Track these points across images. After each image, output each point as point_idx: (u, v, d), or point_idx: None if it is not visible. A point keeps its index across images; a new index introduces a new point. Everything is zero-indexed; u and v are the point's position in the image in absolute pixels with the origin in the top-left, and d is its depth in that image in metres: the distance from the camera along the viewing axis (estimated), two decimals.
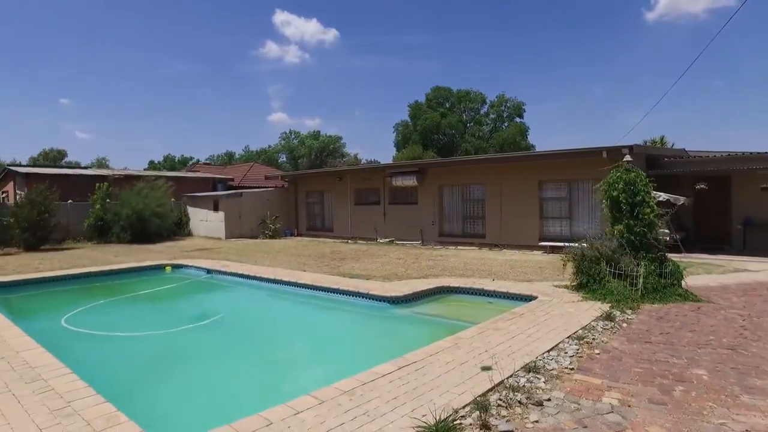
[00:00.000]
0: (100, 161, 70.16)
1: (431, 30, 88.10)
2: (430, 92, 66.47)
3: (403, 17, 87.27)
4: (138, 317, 9.39)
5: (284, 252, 16.87)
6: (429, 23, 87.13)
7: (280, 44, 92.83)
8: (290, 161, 72.93)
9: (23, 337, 6.11)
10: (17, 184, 25.45)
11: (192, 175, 34.22)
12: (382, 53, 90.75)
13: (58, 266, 13.59)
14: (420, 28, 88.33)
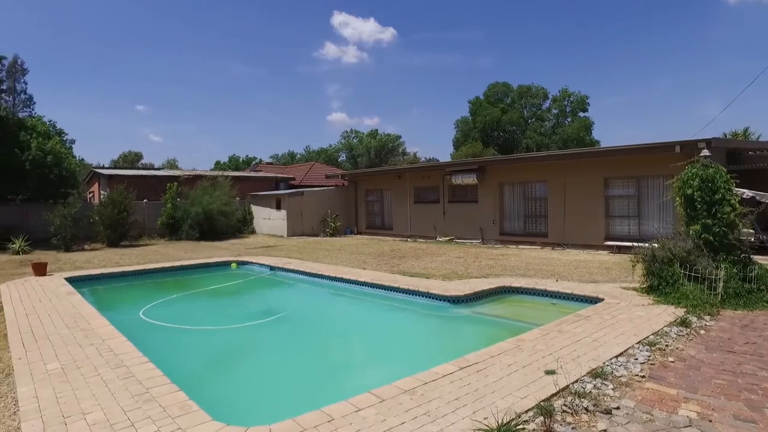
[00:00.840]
0: (170, 162, 74.31)
1: (488, 25, 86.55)
2: (489, 88, 65.25)
3: (460, 13, 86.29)
4: (207, 312, 9.86)
5: (344, 250, 17.15)
6: (486, 18, 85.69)
7: (338, 45, 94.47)
8: (349, 160, 73.94)
9: (108, 326, 6.59)
10: (101, 185, 27.46)
11: (255, 174, 35.50)
12: (440, 50, 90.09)
13: (135, 261, 14.55)
14: (477, 23, 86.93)
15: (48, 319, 7.13)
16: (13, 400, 4.27)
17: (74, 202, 19.69)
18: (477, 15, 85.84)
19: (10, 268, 13.85)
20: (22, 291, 9.47)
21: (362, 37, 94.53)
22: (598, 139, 60.13)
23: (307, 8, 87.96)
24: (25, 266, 13.68)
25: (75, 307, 7.89)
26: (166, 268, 13.10)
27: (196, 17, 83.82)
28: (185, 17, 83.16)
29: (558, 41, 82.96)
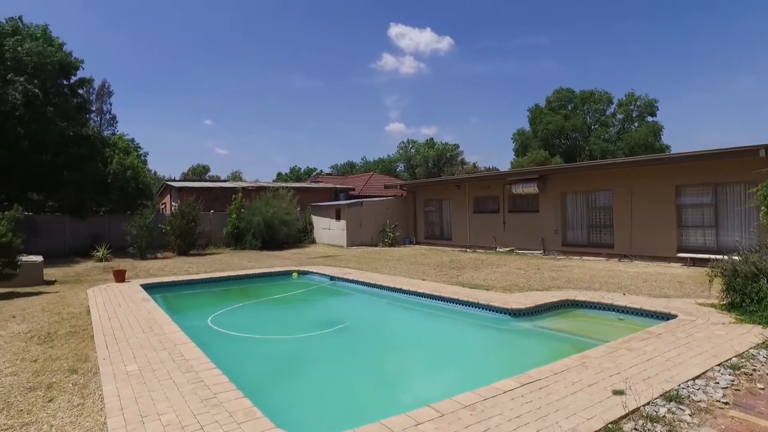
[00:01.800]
0: (235, 174, 77.63)
1: (548, 30, 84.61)
2: (551, 95, 63.63)
3: (519, 19, 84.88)
4: (271, 321, 10.16)
5: (403, 260, 17.19)
6: (545, 23, 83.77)
7: (396, 56, 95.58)
8: (408, 170, 74.22)
9: (179, 332, 6.96)
10: (172, 197, 29.14)
11: (315, 185, 36.39)
12: (498, 58, 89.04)
13: (203, 270, 15.28)
14: (536, 28, 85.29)
15: (126, 323, 7.63)
16: (100, 397, 4.61)
17: (148, 213, 21.01)
18: (539, 20, 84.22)
19: (95, 274, 14.96)
20: (105, 296, 10.20)
21: (419, 47, 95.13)
22: (668, 144, 57.03)
23: (364, 21, 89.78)
24: (107, 272, 14.73)
25: (150, 313, 8.39)
26: (231, 276, 13.67)
27: (259, 34, 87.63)
28: (248, 34, 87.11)
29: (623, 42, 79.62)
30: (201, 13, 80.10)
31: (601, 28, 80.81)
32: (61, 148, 21.93)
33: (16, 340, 6.99)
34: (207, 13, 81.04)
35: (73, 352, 6.32)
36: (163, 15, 78.85)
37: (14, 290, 11.74)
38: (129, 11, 74.80)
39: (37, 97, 20.01)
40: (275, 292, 12.57)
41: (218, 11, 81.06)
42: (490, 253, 19.41)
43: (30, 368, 5.66)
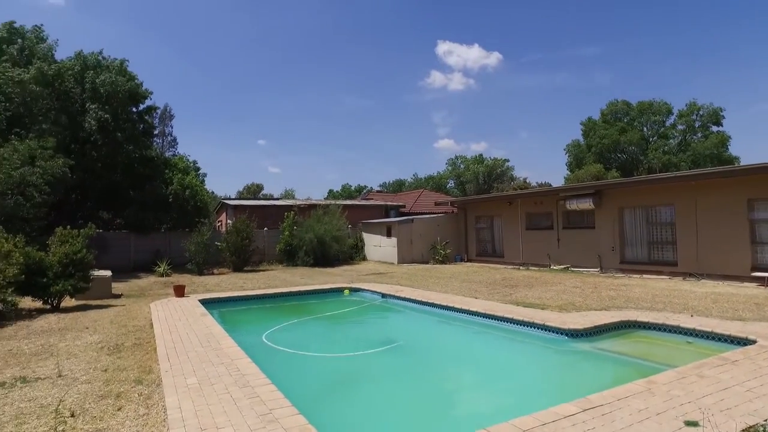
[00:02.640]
0: (288, 192, 79.62)
1: (601, 40, 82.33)
2: (605, 107, 61.65)
3: (569, 31, 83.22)
4: (324, 338, 10.23)
5: (455, 278, 16.98)
6: (597, 33, 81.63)
7: (444, 73, 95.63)
8: (458, 186, 73.72)
9: (235, 347, 7.14)
10: (228, 215, 30.21)
11: (366, 202, 36.73)
12: (548, 70, 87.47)
13: (257, 286, 15.69)
14: (588, 39, 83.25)
15: (186, 337, 7.92)
16: (163, 408, 4.80)
17: (206, 230, 21.86)
18: (590, 30, 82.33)
19: (157, 288, 15.68)
20: (166, 310, 10.65)
21: (467, 63, 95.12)
22: (736, 155, 53.76)
23: (412, 40, 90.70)
24: (167, 287, 15.41)
25: (207, 328, 8.68)
26: (284, 293, 13.95)
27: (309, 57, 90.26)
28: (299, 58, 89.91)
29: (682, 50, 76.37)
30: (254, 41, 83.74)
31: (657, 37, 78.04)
32: (128, 170, 23.33)
33: (89, 350, 7.41)
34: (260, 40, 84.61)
35: (139, 363, 6.61)
36: (220, 44, 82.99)
37: (87, 302, 12.49)
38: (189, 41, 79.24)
39: (108, 123, 21.43)
40: (327, 309, 12.70)
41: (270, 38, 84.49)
42: (543, 270, 18.86)
43: (101, 377, 5.97)
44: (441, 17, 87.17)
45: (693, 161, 51.87)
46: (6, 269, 10.35)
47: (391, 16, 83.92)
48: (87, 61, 22.63)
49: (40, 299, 11.74)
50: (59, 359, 6.88)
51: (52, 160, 17.43)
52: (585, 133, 61.40)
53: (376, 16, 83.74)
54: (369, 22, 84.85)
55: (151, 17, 73.80)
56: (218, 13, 75.64)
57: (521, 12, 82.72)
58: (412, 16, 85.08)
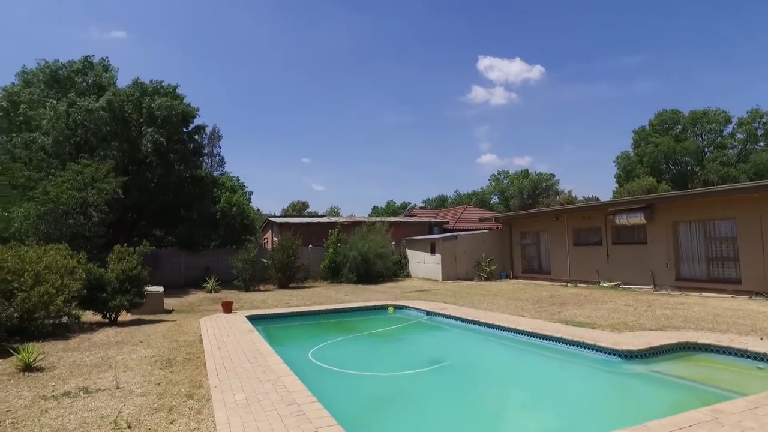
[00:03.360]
0: (333, 210, 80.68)
1: (647, 48, 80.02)
2: (654, 117, 59.55)
3: (613, 40, 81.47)
4: (369, 356, 10.18)
5: (500, 295, 16.65)
6: (643, 41, 79.54)
7: (485, 87, 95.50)
8: (502, 202, 72.73)
9: (281, 364, 7.23)
10: (274, 232, 30.87)
11: (410, 219, 36.72)
12: (593, 81, 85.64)
13: (302, 302, 15.88)
14: (633, 47, 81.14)
15: (234, 352, 8.09)
16: (212, 423, 4.90)
17: (252, 247, 22.40)
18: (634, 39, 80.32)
19: (206, 304, 16.14)
20: (214, 326, 10.93)
21: (509, 78, 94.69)
22: None
23: (453, 56, 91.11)
24: (216, 303, 15.83)
25: (254, 344, 8.83)
26: (329, 310, 14.05)
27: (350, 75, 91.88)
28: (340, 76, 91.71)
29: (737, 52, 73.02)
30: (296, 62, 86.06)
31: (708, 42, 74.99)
32: (180, 189, 24.31)
33: (143, 364, 7.69)
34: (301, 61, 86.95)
35: (189, 378, 6.80)
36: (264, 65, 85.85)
37: (141, 317, 13.01)
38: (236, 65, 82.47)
39: (163, 145, 22.51)
40: (372, 327, 12.68)
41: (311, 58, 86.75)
42: (593, 288, 18.21)
43: (155, 390, 6.18)
44: (481, 33, 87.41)
45: (755, 172, 49.10)
46: (71, 284, 10.96)
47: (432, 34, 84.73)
48: (143, 87, 23.98)
49: (99, 313, 12.34)
50: (117, 371, 7.18)
51: (110, 182, 18.38)
52: (635, 144, 59.40)
53: (417, 34, 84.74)
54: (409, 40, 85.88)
55: (200, 45, 77.65)
56: (262, 37, 78.52)
57: (562, 24, 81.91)
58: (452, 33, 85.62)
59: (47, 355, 8.29)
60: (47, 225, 16.68)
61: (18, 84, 23.31)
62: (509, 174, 76.71)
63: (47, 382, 6.75)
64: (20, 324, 9.79)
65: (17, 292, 10.08)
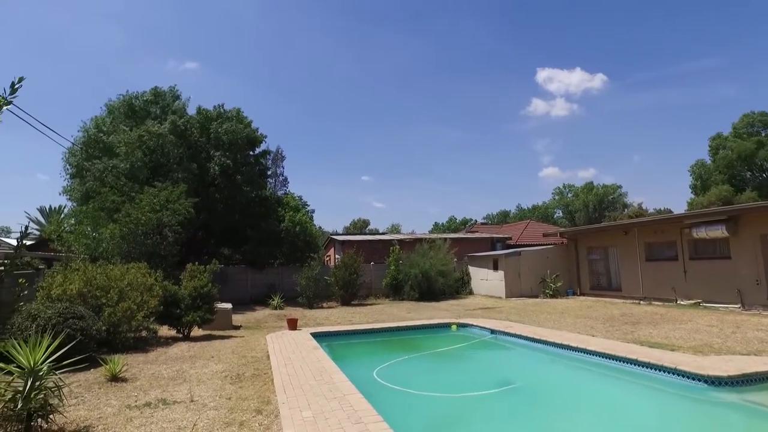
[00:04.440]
0: (393, 227, 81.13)
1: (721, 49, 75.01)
2: (738, 121, 55.53)
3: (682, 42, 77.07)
4: (434, 376, 10.02)
5: (568, 313, 15.98)
6: (716, 42, 74.61)
7: (545, 99, 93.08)
8: (566, 216, 70.32)
9: (347, 382, 7.27)
10: (336, 250, 31.43)
11: (471, 235, 36.23)
12: (660, 87, 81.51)
13: (365, 320, 15.96)
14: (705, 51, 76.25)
15: (300, 369, 8.23)
16: None
17: (315, 265, 22.83)
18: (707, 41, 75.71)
19: (271, 321, 16.59)
20: (280, 343, 11.20)
21: (569, 88, 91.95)
22: None
23: (510, 70, 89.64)
24: (281, 320, 16.23)
25: (319, 361, 8.95)
26: (392, 327, 14.03)
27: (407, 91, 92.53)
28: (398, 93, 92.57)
29: None
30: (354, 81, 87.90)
31: None
32: (246, 209, 25.33)
33: (215, 378, 8.00)
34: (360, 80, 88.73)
35: (258, 393, 6.99)
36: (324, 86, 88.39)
37: (212, 332, 13.56)
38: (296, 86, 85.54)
39: (230, 167, 23.62)
40: (436, 345, 12.51)
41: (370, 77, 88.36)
42: (669, 306, 17.08)
43: (226, 405, 6.39)
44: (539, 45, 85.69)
45: None
46: (149, 301, 11.66)
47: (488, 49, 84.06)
48: (210, 113, 25.38)
49: (174, 328, 13.00)
50: (191, 385, 7.50)
51: (183, 203, 19.45)
52: (713, 151, 55.70)
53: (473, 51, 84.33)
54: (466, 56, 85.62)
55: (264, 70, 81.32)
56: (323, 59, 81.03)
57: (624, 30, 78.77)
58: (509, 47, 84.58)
59: (130, 367, 8.81)
60: (129, 245, 17.87)
61: (103, 116, 25.35)
62: (574, 187, 74.12)
63: (131, 392, 7.17)
64: (107, 337, 10.49)
65: (105, 307, 10.87)
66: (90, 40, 59.24)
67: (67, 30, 57.00)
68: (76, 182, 23.52)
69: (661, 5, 74.99)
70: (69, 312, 9.37)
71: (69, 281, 11.36)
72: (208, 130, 24.56)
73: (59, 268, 12.66)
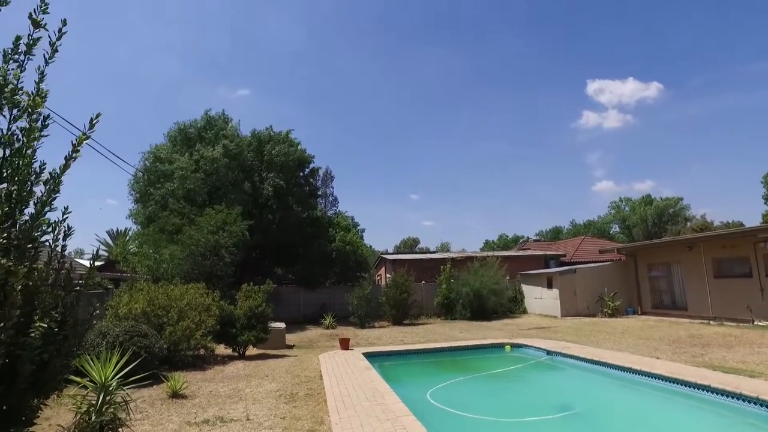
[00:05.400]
0: (443, 245, 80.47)
1: None
2: None
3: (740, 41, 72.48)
4: (491, 399, 9.73)
5: (629, 333, 15.21)
6: None
7: (597, 111, 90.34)
8: (623, 231, 67.50)
9: (400, 403, 7.19)
10: (387, 269, 31.47)
11: (523, 253, 35.40)
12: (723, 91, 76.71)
13: (417, 340, 15.81)
14: None
15: (353, 389, 8.23)
16: None
17: (366, 284, 22.94)
18: None
19: (324, 340, 16.74)
20: (333, 362, 11.26)
21: (622, 99, 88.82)
22: None
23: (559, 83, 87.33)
24: (333, 339, 16.35)
25: (372, 382, 8.92)
26: (444, 348, 13.81)
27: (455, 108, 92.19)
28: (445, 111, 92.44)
29: None
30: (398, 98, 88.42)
31: None
32: (298, 230, 25.93)
33: (269, 397, 8.14)
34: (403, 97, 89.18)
35: (311, 413, 7.03)
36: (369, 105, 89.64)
37: (266, 351, 13.83)
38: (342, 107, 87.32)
39: (282, 188, 24.32)
40: (491, 367, 12.19)
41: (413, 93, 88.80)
42: (744, 327, 15.91)
43: (280, 424, 6.47)
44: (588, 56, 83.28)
45: None
46: (207, 320, 12.08)
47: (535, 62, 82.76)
48: (261, 136, 26.34)
49: (230, 347, 13.36)
50: (247, 403, 7.66)
51: (238, 225, 20.15)
52: None
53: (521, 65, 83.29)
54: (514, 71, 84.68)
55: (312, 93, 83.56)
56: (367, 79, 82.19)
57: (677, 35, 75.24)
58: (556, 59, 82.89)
59: (189, 384, 9.10)
60: (188, 265, 18.65)
61: (161, 144, 26.82)
62: (630, 201, 71.17)
63: (190, 409, 7.41)
64: (168, 354, 10.92)
65: (166, 326, 11.35)
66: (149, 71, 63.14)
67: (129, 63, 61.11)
68: (140, 207, 24.92)
69: (708, 3, 71.39)
70: (134, 330, 9.86)
71: (134, 301, 11.98)
72: (261, 153, 25.46)
73: (125, 288, 13.39)
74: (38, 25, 3.38)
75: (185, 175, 22.91)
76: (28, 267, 3.03)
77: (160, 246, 19.53)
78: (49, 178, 3.38)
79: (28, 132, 3.32)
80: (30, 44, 3.39)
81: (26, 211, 3.29)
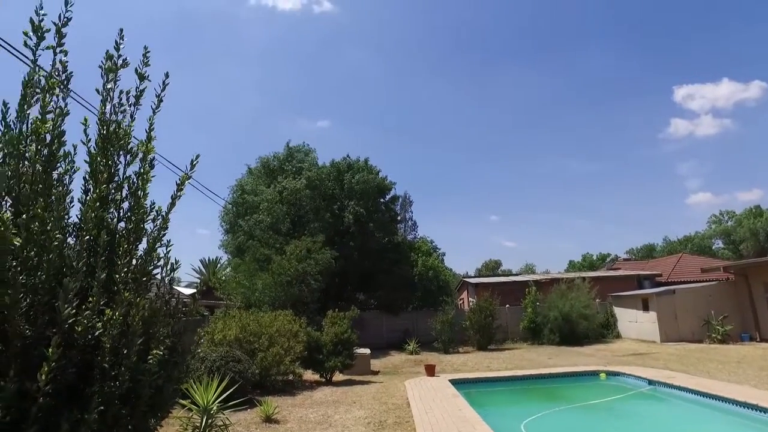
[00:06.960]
0: (528, 267, 77.73)
1: None
2: None
3: None
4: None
5: (746, 362, 13.67)
6: None
7: (687, 119, 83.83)
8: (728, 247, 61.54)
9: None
10: (469, 293, 30.90)
11: (613, 273, 33.26)
12: None
13: (504, 366, 15.24)
14: None
15: (441, 418, 8.06)
16: None
17: (449, 309, 22.59)
18: None
19: (408, 366, 16.62)
20: (419, 389, 11.12)
21: (716, 103, 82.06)
22: None
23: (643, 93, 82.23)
24: (417, 365, 16.18)
25: (461, 410, 8.69)
26: (533, 375, 13.19)
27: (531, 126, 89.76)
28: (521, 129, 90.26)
29: None
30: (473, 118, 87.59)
31: None
32: (379, 255, 26.23)
33: (358, 424, 8.16)
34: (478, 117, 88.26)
35: None
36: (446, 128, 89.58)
37: (352, 377, 13.97)
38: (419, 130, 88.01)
39: (363, 215, 24.83)
40: (585, 396, 11.41)
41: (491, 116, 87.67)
42: None
43: None
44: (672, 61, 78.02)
45: None
46: (295, 346, 12.47)
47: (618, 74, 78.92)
48: (340, 166, 27.21)
49: (317, 373, 13.65)
50: (336, 430, 7.73)
51: (322, 253, 20.77)
52: None
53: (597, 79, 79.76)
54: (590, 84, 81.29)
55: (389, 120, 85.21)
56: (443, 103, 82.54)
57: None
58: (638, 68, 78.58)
59: (280, 409, 9.37)
60: (277, 293, 19.44)
61: (246, 178, 28.48)
62: (734, 213, 64.93)
63: None
64: (259, 379, 11.36)
65: (257, 352, 11.84)
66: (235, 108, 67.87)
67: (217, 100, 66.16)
68: (230, 237, 26.49)
69: None
70: (229, 356, 10.37)
71: (228, 327, 12.65)
72: (341, 182, 26.26)
73: (220, 315, 14.19)
74: (143, 78, 3.76)
75: (271, 206, 24.12)
76: (146, 299, 3.32)
77: (254, 275, 20.53)
78: (156, 216, 3.70)
79: (141, 176, 3.67)
80: (138, 96, 3.78)
81: (140, 247, 3.62)
